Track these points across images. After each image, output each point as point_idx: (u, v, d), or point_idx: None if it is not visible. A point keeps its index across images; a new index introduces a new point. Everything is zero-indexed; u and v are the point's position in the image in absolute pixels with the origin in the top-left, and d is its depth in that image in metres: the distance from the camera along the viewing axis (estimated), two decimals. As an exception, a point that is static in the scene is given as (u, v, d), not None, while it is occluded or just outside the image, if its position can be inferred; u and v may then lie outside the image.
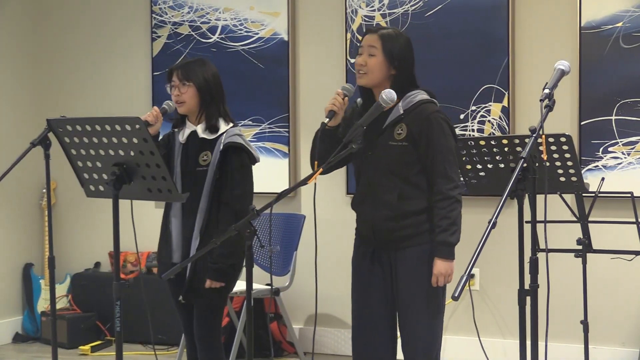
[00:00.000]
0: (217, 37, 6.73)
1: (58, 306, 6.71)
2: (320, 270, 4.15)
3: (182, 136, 4.39)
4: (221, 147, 4.29)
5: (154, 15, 6.94)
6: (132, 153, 3.59)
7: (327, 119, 3.81)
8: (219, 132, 4.34)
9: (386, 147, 3.86)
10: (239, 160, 4.32)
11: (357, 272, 4.07)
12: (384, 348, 4.02)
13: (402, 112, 3.86)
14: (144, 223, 6.91)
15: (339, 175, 6.07)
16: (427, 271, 3.86)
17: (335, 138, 3.88)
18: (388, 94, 3.65)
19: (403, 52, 3.91)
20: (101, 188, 3.80)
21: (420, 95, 3.91)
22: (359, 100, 4.05)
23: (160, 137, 4.40)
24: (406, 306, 3.92)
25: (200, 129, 4.34)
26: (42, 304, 7.01)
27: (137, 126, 3.50)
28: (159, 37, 6.92)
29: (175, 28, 6.87)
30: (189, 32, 6.82)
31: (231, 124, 4.40)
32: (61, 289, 7.05)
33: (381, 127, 3.86)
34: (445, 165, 3.84)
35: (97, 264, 7.21)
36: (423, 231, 3.88)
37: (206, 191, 4.29)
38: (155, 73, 6.94)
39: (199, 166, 4.32)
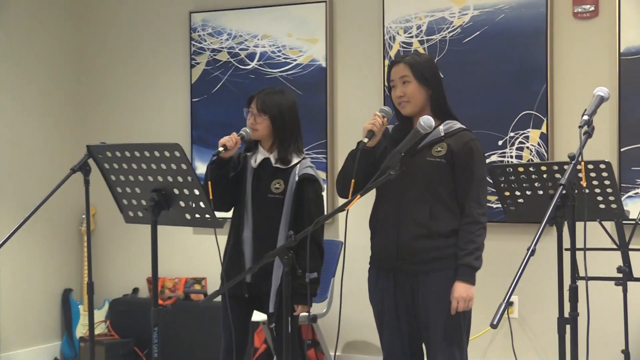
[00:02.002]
0: (256, 64, 6.77)
1: (96, 332, 6.74)
2: (357, 298, 4.14)
3: (255, 161, 4.46)
4: (296, 179, 4.38)
5: (193, 42, 7.00)
6: (170, 179, 3.61)
7: (367, 139, 3.82)
8: (292, 163, 4.44)
9: (423, 163, 3.90)
10: (314, 191, 4.43)
11: (383, 312, 4.03)
12: None
13: (442, 134, 3.93)
14: (182, 249, 6.96)
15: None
16: (449, 297, 3.85)
17: (371, 160, 3.91)
18: (426, 120, 3.67)
19: (432, 70, 4.01)
20: (140, 214, 3.83)
21: (459, 124, 4.01)
22: (390, 126, 4.09)
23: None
24: (430, 336, 3.91)
25: (273, 158, 4.43)
26: (81, 330, 7.04)
27: (176, 152, 3.52)
28: (197, 63, 6.97)
29: (214, 55, 6.92)
30: (228, 58, 6.87)
31: (302, 156, 4.50)
32: (100, 315, 7.09)
33: (416, 147, 3.89)
34: (479, 190, 3.91)
35: (136, 290, 7.24)
36: (447, 255, 3.88)
37: (285, 221, 4.37)
38: (194, 99, 6.98)
39: (270, 193, 4.40)
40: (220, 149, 4.27)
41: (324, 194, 6.48)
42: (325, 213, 6.21)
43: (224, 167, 4.35)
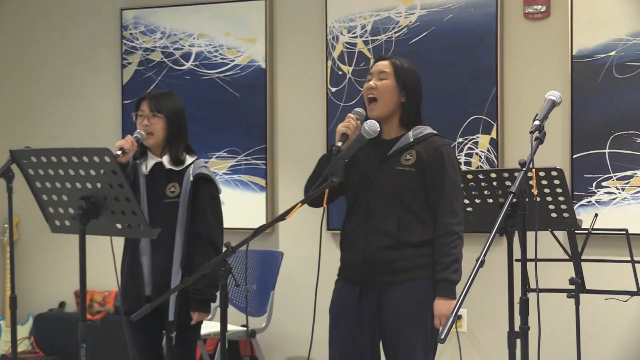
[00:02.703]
0: (191, 64, 6.75)
1: (19, 349, 6.66)
2: (299, 311, 4.14)
3: (146, 167, 4.46)
4: (191, 179, 4.40)
5: (124, 40, 6.95)
6: (100, 186, 3.58)
7: (340, 142, 3.82)
8: (186, 164, 4.45)
9: (391, 172, 3.90)
10: (210, 191, 4.47)
11: (339, 318, 4.01)
12: None
13: (412, 140, 3.92)
14: (112, 260, 6.90)
15: (319, 209, 6.05)
16: (419, 310, 3.86)
17: None
18: (371, 125, 3.69)
19: (414, 81, 4.01)
20: (67, 223, 3.79)
21: (430, 129, 4.00)
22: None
23: None
24: (396, 347, 3.91)
25: (165, 160, 4.43)
26: (2, 347, 6.95)
27: (106, 158, 3.50)
28: (129, 63, 6.93)
29: (147, 54, 6.88)
30: (161, 58, 6.84)
31: (195, 156, 4.53)
32: (23, 331, 7.00)
33: (386, 154, 3.91)
34: (452, 199, 3.89)
35: (62, 304, 7.17)
36: (417, 265, 3.88)
37: (181, 224, 4.39)
38: (125, 102, 6.94)
39: (166, 198, 4.43)
40: (118, 152, 4.27)
41: (262, 201, 6.48)
42: (265, 222, 6.21)
43: (122, 172, 4.33)
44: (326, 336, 4.09)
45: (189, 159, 4.49)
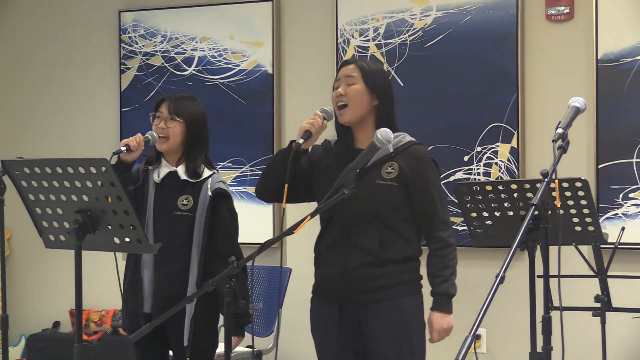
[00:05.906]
0: (194, 69, 6.76)
1: (12, 371, 6.67)
2: (308, 331, 4.13)
3: (158, 175, 4.43)
4: (210, 194, 4.36)
5: (122, 44, 6.97)
6: (97, 198, 3.58)
7: (302, 140, 3.84)
8: (202, 177, 4.41)
9: (371, 187, 3.87)
10: (229, 208, 4.45)
11: (324, 339, 4.02)
12: None
13: (392, 150, 3.90)
14: (110, 277, 6.91)
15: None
16: (403, 329, 3.87)
17: (301, 164, 3.95)
18: (384, 134, 3.67)
19: (384, 81, 4.02)
20: (62, 238, 3.79)
21: (409, 137, 3.99)
22: (330, 138, 4.10)
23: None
24: None
25: (181, 171, 4.39)
26: (-6, 369, 6.97)
27: (103, 168, 3.50)
28: (128, 69, 6.95)
29: (147, 59, 6.90)
30: (162, 63, 6.85)
31: (213, 170, 4.49)
32: (15, 352, 7.01)
33: (364, 166, 3.84)
34: (442, 210, 3.94)
35: (57, 324, 7.17)
36: (400, 283, 3.90)
37: (197, 242, 4.36)
38: (123, 109, 6.95)
39: (177, 210, 4.38)
40: (122, 148, 4.25)
41: (269, 215, 6.49)
42: (272, 236, 6.21)
43: (124, 172, 4.31)
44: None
45: (206, 172, 4.44)
